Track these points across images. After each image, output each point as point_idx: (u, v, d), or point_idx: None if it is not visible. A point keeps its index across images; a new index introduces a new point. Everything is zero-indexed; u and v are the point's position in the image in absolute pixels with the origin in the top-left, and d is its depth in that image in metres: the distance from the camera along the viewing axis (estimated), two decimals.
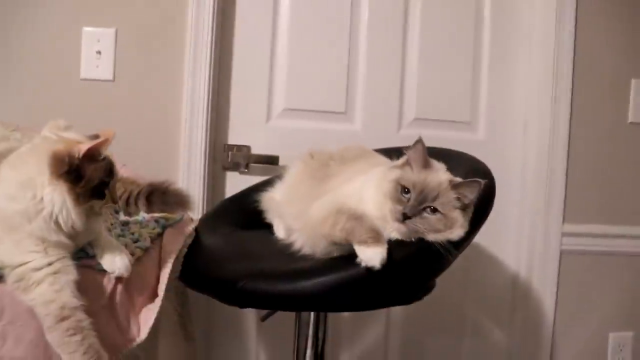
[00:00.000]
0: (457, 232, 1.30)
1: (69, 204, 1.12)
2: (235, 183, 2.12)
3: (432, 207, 1.29)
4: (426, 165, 1.34)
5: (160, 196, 1.47)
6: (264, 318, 1.67)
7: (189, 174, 2.04)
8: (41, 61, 2.00)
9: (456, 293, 2.22)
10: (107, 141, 1.17)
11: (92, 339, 1.09)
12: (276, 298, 1.32)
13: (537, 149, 2.24)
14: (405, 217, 1.28)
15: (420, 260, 1.32)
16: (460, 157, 1.60)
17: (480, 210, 1.34)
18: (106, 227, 1.33)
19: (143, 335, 1.24)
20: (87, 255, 1.22)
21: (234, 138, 2.15)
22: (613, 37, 2.26)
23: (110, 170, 1.19)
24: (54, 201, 1.11)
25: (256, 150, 2.14)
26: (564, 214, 2.24)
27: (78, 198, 1.13)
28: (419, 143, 1.34)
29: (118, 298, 1.22)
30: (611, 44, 2.25)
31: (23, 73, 2.00)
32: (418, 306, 1.47)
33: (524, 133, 2.27)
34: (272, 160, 2.12)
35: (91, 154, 1.14)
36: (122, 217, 1.47)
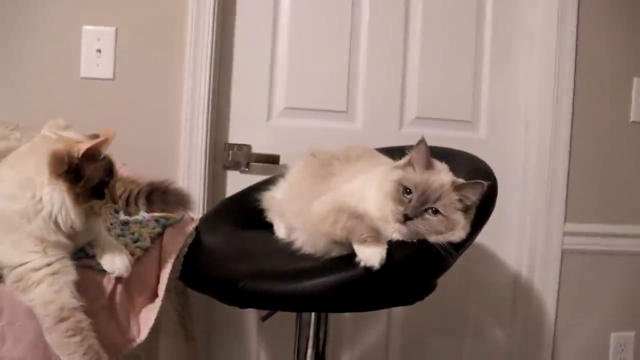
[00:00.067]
0: (459, 234, 1.29)
1: (69, 204, 1.11)
2: (235, 182, 2.11)
3: (434, 209, 1.28)
4: (429, 165, 1.33)
5: (160, 195, 1.46)
6: (265, 318, 1.66)
7: (190, 173, 2.04)
8: (41, 60, 1.99)
9: (457, 292, 2.22)
10: (107, 141, 1.16)
11: (92, 340, 1.08)
12: (277, 298, 1.32)
13: (539, 148, 2.23)
14: (406, 218, 1.27)
15: (420, 261, 1.32)
16: (462, 157, 1.59)
17: (481, 211, 1.34)
18: (106, 227, 1.33)
19: (143, 335, 1.24)
20: (87, 255, 1.22)
21: (235, 137, 2.15)
22: (615, 36, 2.25)
23: (110, 169, 1.19)
24: (53, 201, 1.10)
25: (257, 149, 2.14)
26: (566, 213, 2.24)
27: (77, 198, 1.12)
28: (422, 143, 1.33)
29: (118, 298, 1.21)
30: (613, 43, 2.25)
31: (23, 72, 1.99)
32: (419, 306, 1.46)
33: (526, 132, 2.26)
34: (273, 159, 2.11)
35: (91, 154, 1.13)
36: (122, 217, 1.46)
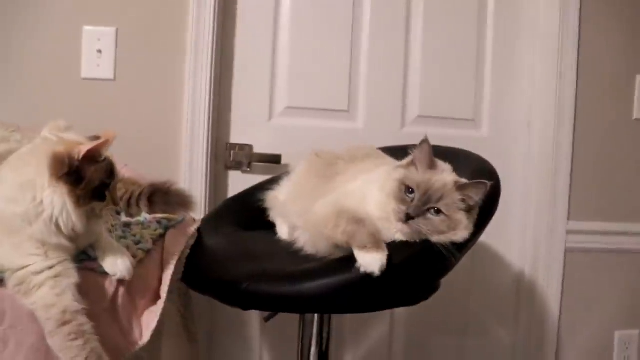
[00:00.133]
0: (461, 234, 1.28)
1: (70, 206, 1.10)
2: (237, 182, 2.11)
3: (436, 208, 1.28)
4: (432, 165, 1.32)
5: (162, 197, 1.45)
6: (268, 319, 1.66)
7: (191, 174, 2.03)
8: (41, 61, 1.99)
9: (461, 292, 2.21)
10: (108, 142, 1.15)
11: (94, 343, 1.07)
12: (279, 300, 1.31)
13: (541, 146, 2.22)
14: (408, 218, 1.27)
15: (423, 262, 1.31)
16: (465, 157, 1.59)
17: (484, 211, 1.33)
18: (107, 229, 1.32)
19: (146, 338, 1.23)
20: (89, 257, 1.21)
21: (236, 137, 2.14)
22: (617, 34, 2.24)
23: (111, 171, 1.18)
24: (54, 203, 1.09)
25: (258, 149, 2.13)
26: (569, 212, 2.23)
27: (78, 200, 1.11)
28: (425, 143, 1.33)
29: (120, 301, 1.21)
30: (615, 41, 2.24)
31: (23, 73, 1.99)
32: (422, 305, 1.46)
33: (528, 130, 2.25)
34: (275, 159, 2.10)
35: (91, 156, 1.13)
36: (124, 218, 1.46)
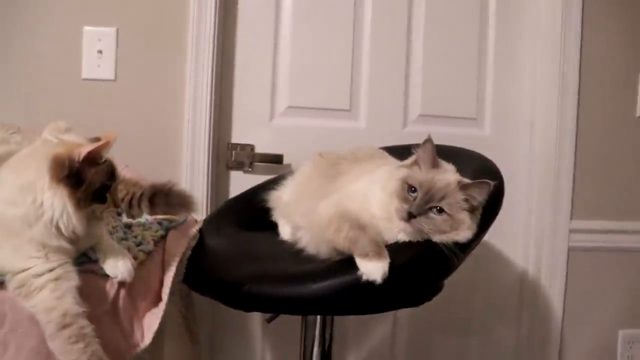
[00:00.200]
0: (464, 234, 1.28)
1: (70, 209, 1.09)
2: (239, 182, 2.10)
3: (439, 207, 1.27)
4: (435, 164, 1.32)
5: (163, 198, 1.44)
6: (270, 320, 1.66)
7: (192, 174, 2.03)
8: (42, 61, 1.99)
9: (463, 291, 2.21)
10: (108, 144, 1.15)
11: (95, 346, 1.07)
12: (282, 302, 1.31)
13: (544, 145, 2.21)
14: (410, 216, 1.26)
15: (425, 264, 1.30)
16: (468, 156, 1.58)
17: (488, 211, 1.32)
18: (108, 231, 1.32)
19: (147, 340, 1.22)
20: (89, 259, 1.20)
21: (238, 137, 2.13)
22: (619, 32, 2.23)
23: (111, 173, 1.17)
24: (55, 206, 1.09)
25: (260, 149, 2.12)
26: (572, 210, 2.23)
27: (79, 202, 1.10)
28: (428, 142, 1.32)
29: (121, 303, 1.20)
30: (617, 39, 2.23)
31: (24, 73, 1.99)
32: (425, 305, 1.45)
33: (531, 128, 2.24)
34: (277, 159, 2.10)
35: (92, 157, 1.12)
36: (125, 220, 1.45)
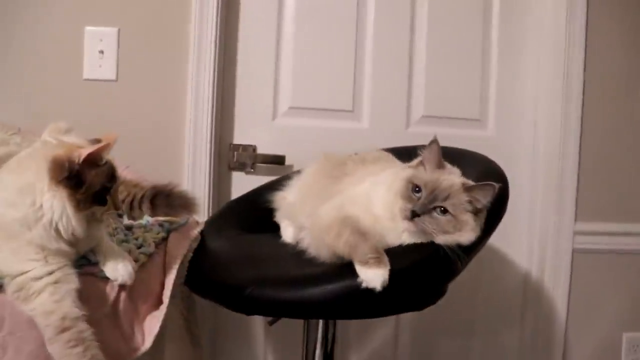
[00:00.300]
0: (467, 236, 1.27)
1: (69, 211, 1.09)
2: (241, 183, 2.10)
3: (442, 208, 1.26)
4: (440, 165, 1.32)
5: (164, 199, 1.44)
6: (272, 322, 1.65)
7: (194, 175, 2.02)
8: (43, 61, 1.98)
9: (467, 293, 2.19)
10: (109, 145, 1.14)
11: (95, 350, 1.06)
12: (283, 306, 1.29)
13: (548, 146, 2.20)
14: (414, 215, 1.26)
15: (429, 268, 1.29)
16: (473, 158, 1.57)
17: (492, 214, 1.31)
18: (109, 233, 1.31)
19: (148, 344, 1.22)
20: (89, 262, 1.20)
21: (240, 137, 2.12)
22: (624, 32, 2.22)
23: (112, 175, 1.16)
24: (54, 208, 1.08)
25: (262, 149, 2.11)
26: (576, 212, 2.21)
27: (79, 204, 1.10)
28: (434, 143, 1.32)
29: (122, 306, 1.20)
30: (622, 39, 2.22)
31: (25, 74, 1.98)
32: (428, 307, 1.44)
33: (535, 130, 2.23)
34: (279, 159, 2.09)
35: (92, 159, 1.11)
36: (126, 221, 1.45)
